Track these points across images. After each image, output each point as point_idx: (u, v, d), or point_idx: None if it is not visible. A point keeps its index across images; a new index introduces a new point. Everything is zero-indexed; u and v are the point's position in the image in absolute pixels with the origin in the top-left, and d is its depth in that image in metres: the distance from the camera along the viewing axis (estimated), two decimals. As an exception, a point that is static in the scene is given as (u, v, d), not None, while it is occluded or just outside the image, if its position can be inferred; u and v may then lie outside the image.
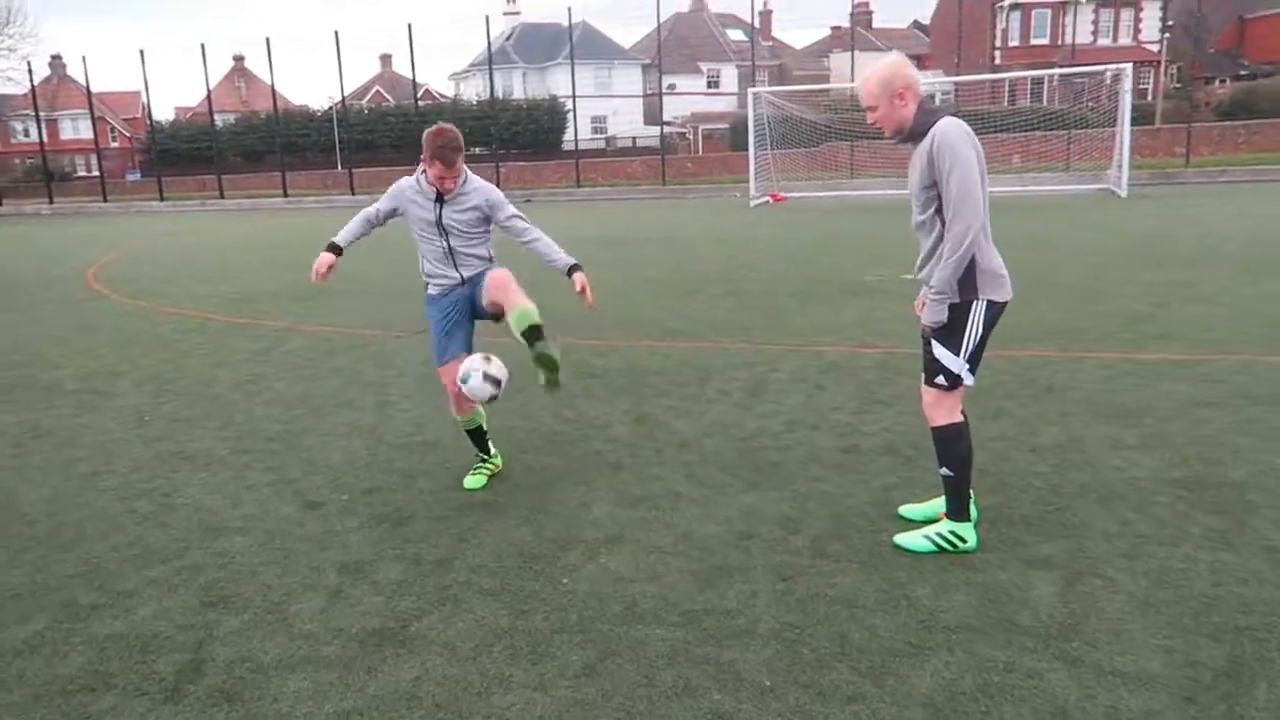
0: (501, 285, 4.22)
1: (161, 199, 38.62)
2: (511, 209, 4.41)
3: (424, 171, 4.27)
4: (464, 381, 4.13)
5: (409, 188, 4.39)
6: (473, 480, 4.54)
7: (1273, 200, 18.85)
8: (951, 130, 3.36)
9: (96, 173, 43.21)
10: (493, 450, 4.68)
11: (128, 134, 58.49)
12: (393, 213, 4.49)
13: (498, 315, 4.35)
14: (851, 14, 38.74)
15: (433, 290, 4.49)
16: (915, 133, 3.45)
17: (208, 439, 5.47)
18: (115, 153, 55.15)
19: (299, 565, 3.72)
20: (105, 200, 39.61)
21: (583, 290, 4.32)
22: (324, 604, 3.39)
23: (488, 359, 4.18)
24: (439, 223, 4.32)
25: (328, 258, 4.43)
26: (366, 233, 4.59)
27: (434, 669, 2.95)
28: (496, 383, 4.13)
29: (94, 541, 4.02)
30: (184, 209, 36.28)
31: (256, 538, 4.01)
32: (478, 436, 4.62)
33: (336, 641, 3.13)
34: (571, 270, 4.35)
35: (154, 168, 41.72)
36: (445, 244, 4.36)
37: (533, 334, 4.12)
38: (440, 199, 4.29)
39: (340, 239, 4.50)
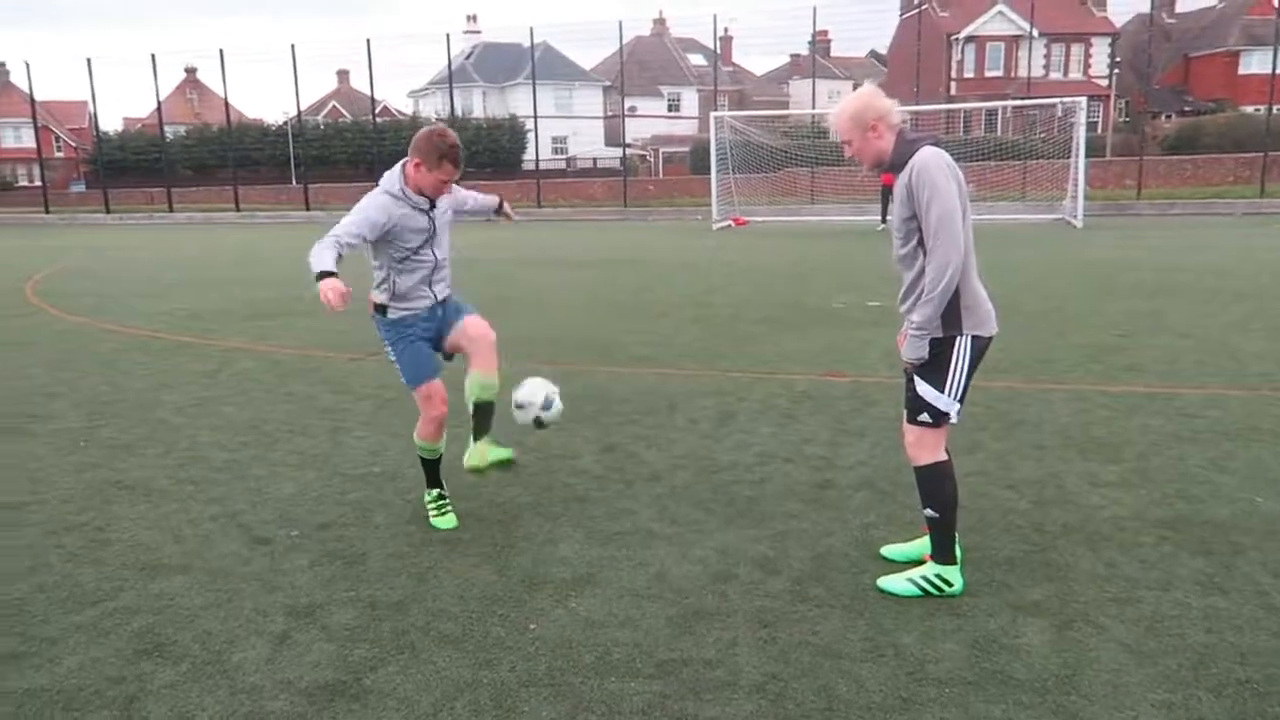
0: (490, 344, 4.14)
1: (107, 211, 37.62)
2: (459, 188, 4.27)
3: (403, 179, 3.90)
4: (545, 408, 4.18)
5: (397, 201, 3.88)
6: (446, 520, 4.23)
7: (1222, 232, 19.28)
8: (930, 161, 3.24)
9: (39, 183, 41.94)
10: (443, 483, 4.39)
11: (73, 144, 57.02)
12: (382, 236, 3.87)
13: (450, 355, 4.25)
14: (811, 42, 39.27)
15: (395, 316, 4.08)
16: (895, 164, 3.35)
17: (148, 467, 5.15)
18: (59, 163, 53.71)
19: (243, 608, 3.46)
20: (48, 212, 38.48)
21: (506, 212, 4.73)
22: (270, 652, 3.14)
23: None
24: (433, 233, 4.01)
25: (335, 282, 3.59)
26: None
27: (390, 729, 2.71)
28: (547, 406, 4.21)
29: (16, 581, 3.70)
30: (131, 222, 35.38)
31: (198, 577, 3.73)
32: (435, 467, 4.31)
33: (283, 696, 2.88)
34: (500, 206, 4.67)
35: (100, 179, 40.61)
36: (433, 257, 4.05)
37: (485, 411, 4.16)
38: (432, 206, 3.99)
39: (330, 266, 3.66)
